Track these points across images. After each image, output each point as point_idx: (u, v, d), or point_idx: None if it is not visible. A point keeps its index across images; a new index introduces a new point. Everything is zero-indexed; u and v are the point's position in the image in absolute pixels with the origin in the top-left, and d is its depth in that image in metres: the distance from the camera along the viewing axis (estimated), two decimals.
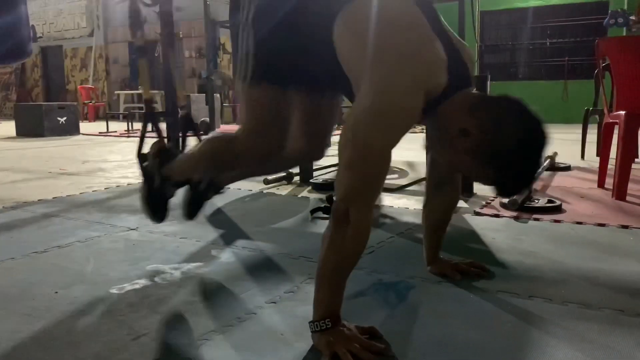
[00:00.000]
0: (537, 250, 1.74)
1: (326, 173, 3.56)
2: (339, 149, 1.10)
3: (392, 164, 4.38)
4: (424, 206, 1.51)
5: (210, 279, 1.51)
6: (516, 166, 1.11)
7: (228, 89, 12.34)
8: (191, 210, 1.89)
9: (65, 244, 1.84)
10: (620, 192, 2.50)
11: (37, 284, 1.48)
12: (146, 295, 1.38)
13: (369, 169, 1.07)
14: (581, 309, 1.25)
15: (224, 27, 9.26)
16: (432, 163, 1.45)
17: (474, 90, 1.24)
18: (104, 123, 8.71)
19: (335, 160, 4.00)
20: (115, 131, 7.97)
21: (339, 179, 1.08)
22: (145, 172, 1.79)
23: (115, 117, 10.42)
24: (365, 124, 1.06)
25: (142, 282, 1.47)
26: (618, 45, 2.84)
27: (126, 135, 7.41)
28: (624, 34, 8.36)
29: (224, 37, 11.11)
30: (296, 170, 3.29)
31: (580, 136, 4.40)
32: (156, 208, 1.81)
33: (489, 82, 2.73)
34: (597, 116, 4.29)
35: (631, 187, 2.59)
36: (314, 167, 3.32)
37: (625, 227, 2.02)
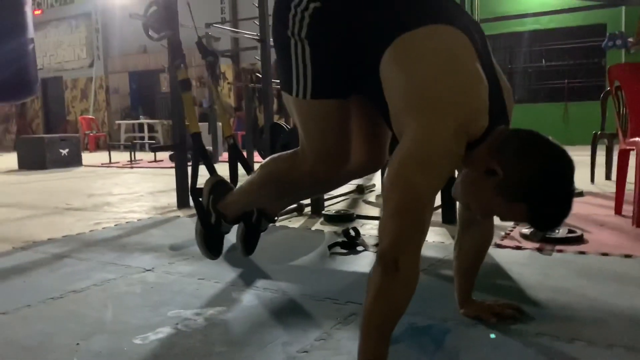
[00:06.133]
0: (568, 286, 1.69)
1: (337, 203, 3.52)
2: (383, 195, 1.07)
3: None
4: (455, 246, 1.46)
5: (236, 325, 1.46)
6: (549, 198, 1.09)
7: (229, 117, 12.41)
8: (248, 245, 1.87)
9: (81, 289, 1.79)
10: None
11: (56, 334, 1.42)
12: (171, 345, 1.33)
13: (416, 215, 1.04)
14: (629, 353, 1.20)
15: (225, 56, 9.34)
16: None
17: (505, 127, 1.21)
18: (106, 153, 8.70)
19: (344, 189, 3.93)
20: (118, 162, 7.94)
21: (385, 227, 1.04)
22: (199, 208, 1.75)
23: (116, 147, 10.40)
24: (410, 171, 1.04)
25: (165, 331, 1.42)
26: (631, 72, 2.83)
27: (129, 166, 7.37)
28: (623, 55, 8.44)
29: (224, 65, 11.19)
30: (307, 201, 3.26)
31: (585, 158, 4.37)
32: (212, 245, 1.79)
33: None
34: (605, 139, 4.29)
35: None
36: (325, 197, 3.28)
37: None
